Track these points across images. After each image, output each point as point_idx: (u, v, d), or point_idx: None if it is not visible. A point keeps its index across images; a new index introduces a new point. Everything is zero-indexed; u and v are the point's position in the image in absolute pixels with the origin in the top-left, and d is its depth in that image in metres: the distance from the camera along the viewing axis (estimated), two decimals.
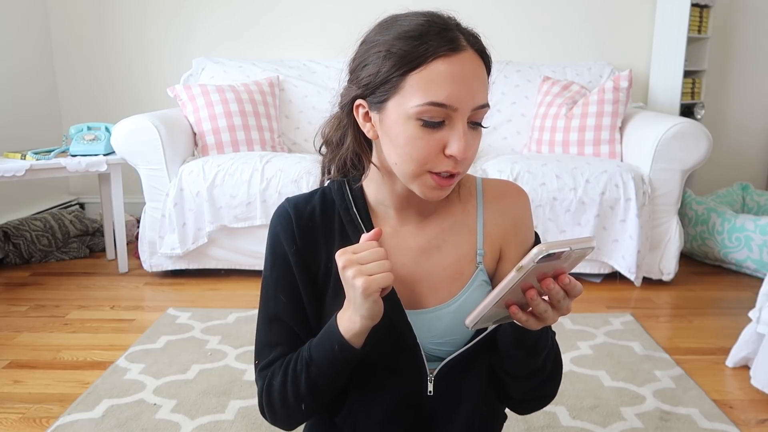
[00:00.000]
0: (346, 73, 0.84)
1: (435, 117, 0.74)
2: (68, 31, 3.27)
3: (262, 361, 0.87)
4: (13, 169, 2.35)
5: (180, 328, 2.04)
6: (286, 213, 0.86)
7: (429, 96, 0.73)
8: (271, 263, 0.86)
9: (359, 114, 0.81)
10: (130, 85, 3.31)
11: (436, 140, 0.75)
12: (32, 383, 1.69)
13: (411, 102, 0.74)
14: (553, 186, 2.37)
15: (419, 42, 0.74)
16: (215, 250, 2.49)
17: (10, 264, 2.73)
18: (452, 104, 0.74)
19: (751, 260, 2.58)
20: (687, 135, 2.36)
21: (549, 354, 0.85)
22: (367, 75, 0.78)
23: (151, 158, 2.43)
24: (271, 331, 0.87)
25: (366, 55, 0.79)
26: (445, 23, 0.76)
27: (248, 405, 1.56)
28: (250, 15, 3.23)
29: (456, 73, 0.74)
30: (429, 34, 0.74)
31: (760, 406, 1.60)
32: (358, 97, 0.80)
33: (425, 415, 0.86)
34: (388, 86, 0.76)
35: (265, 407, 0.87)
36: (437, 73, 0.73)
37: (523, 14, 3.23)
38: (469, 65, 0.75)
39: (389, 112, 0.77)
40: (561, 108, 2.73)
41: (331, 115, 0.89)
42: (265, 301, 0.88)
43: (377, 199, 0.87)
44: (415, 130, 0.75)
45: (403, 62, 0.74)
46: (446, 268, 0.86)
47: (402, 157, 0.77)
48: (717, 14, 3.19)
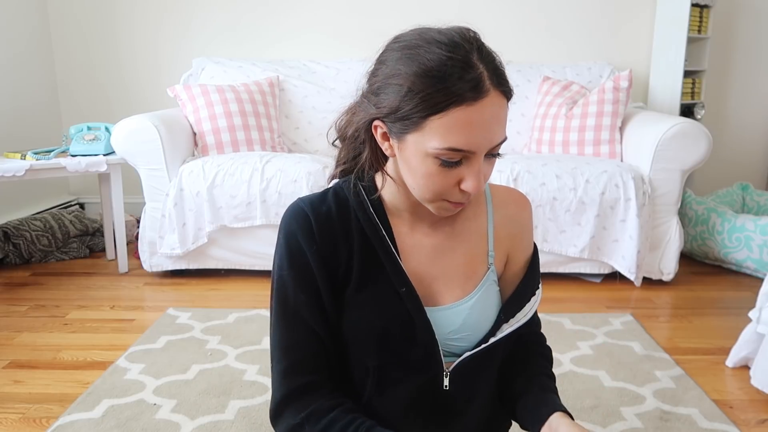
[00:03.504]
0: (365, 82, 0.82)
1: (453, 158, 0.75)
2: (68, 31, 3.27)
3: (285, 362, 0.86)
4: (13, 169, 2.34)
5: (180, 328, 2.04)
6: (303, 213, 0.86)
7: (448, 142, 0.74)
8: (289, 263, 0.85)
9: (377, 133, 0.81)
10: (130, 85, 3.32)
11: (453, 176, 0.77)
12: (32, 383, 1.69)
13: (430, 143, 0.74)
14: (553, 186, 2.37)
15: (443, 85, 0.72)
16: (215, 250, 2.49)
17: (10, 264, 2.73)
18: (470, 149, 0.75)
19: (751, 260, 2.58)
20: (687, 135, 2.36)
21: None
22: (387, 105, 0.77)
23: (151, 158, 2.43)
24: (292, 330, 0.86)
25: (386, 82, 0.77)
26: (467, 59, 0.73)
27: (248, 405, 1.56)
28: (250, 15, 3.23)
29: (476, 120, 0.73)
30: (452, 77, 0.72)
31: (760, 406, 1.60)
32: (377, 119, 0.80)
33: (441, 407, 0.89)
34: (407, 123, 0.75)
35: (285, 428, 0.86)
36: (458, 120, 0.73)
37: (523, 14, 3.23)
38: (490, 110, 0.74)
39: (408, 144, 0.77)
40: (561, 108, 2.73)
41: (345, 108, 0.89)
42: (283, 301, 0.86)
43: (392, 202, 0.88)
44: (433, 167, 0.77)
45: (424, 105, 0.73)
46: (460, 267, 0.89)
47: (419, 187, 0.80)
48: (717, 14, 3.19)
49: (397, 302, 0.84)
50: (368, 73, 0.82)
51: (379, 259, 0.85)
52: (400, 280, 0.85)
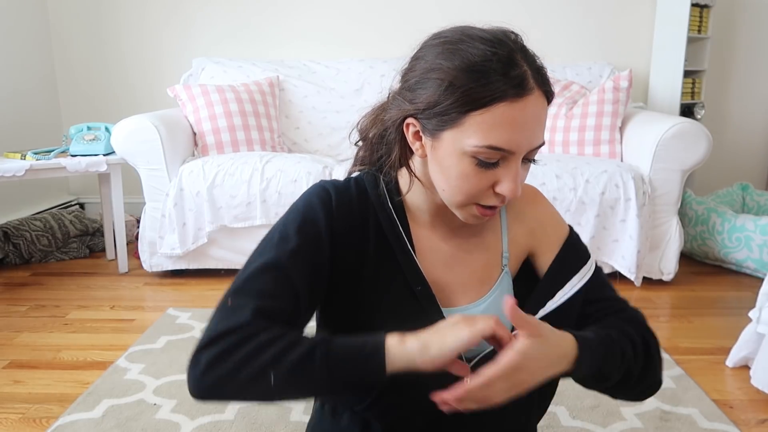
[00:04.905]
0: (398, 81, 0.81)
1: (491, 158, 0.73)
2: (68, 31, 3.27)
3: (241, 301, 0.73)
4: (13, 169, 2.34)
5: (180, 328, 2.04)
6: (327, 191, 0.83)
7: (489, 139, 0.72)
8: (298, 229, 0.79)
9: (409, 132, 0.79)
10: (130, 85, 3.32)
11: (489, 178, 0.75)
12: (32, 383, 1.69)
13: (469, 140, 0.72)
14: (553, 186, 2.37)
15: (485, 80, 0.70)
16: (215, 250, 2.49)
17: (10, 264, 2.73)
18: (510, 149, 0.73)
19: (751, 260, 2.58)
20: (687, 135, 2.36)
21: (605, 371, 0.78)
22: (424, 100, 0.75)
23: (151, 158, 2.43)
24: (268, 278, 0.75)
25: (425, 77, 0.75)
26: (512, 56, 0.72)
27: (248, 405, 1.56)
28: (250, 15, 3.23)
29: (519, 119, 0.71)
30: (495, 72, 0.70)
31: (760, 406, 1.60)
32: (410, 116, 0.78)
33: None
34: (446, 118, 0.73)
35: (219, 353, 0.69)
36: (500, 118, 0.71)
37: (523, 14, 3.23)
38: (533, 109, 0.72)
39: (444, 142, 0.75)
40: (561, 108, 2.73)
41: (371, 108, 0.87)
42: (271, 246, 0.78)
43: (414, 203, 0.87)
44: (469, 167, 0.74)
45: (466, 100, 0.71)
46: (475, 271, 0.88)
47: (451, 188, 0.77)
48: (717, 14, 3.19)
49: (412, 302, 0.83)
50: (402, 71, 0.80)
51: (395, 257, 0.83)
52: (416, 278, 0.83)
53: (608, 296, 0.91)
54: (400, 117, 0.79)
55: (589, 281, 0.89)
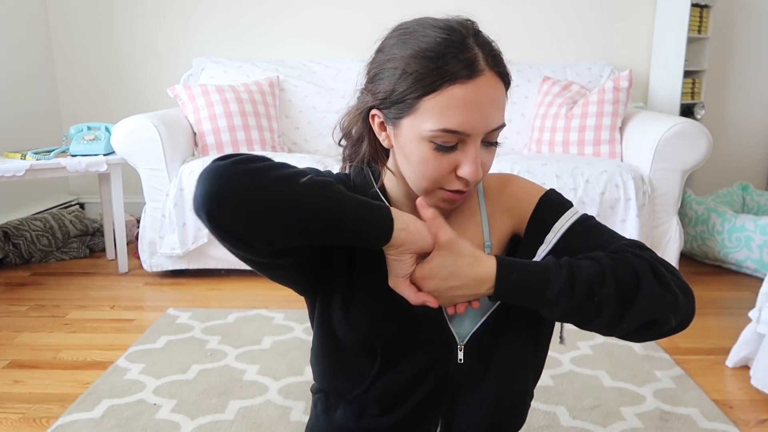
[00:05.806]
0: (364, 75, 0.83)
1: (448, 142, 0.74)
2: (68, 31, 3.27)
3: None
4: (13, 169, 2.35)
5: (180, 328, 2.04)
6: (328, 172, 0.86)
7: (443, 122, 0.73)
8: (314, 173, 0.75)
9: (375, 123, 0.81)
10: (130, 85, 3.32)
11: (449, 162, 0.76)
12: (32, 383, 1.69)
13: (425, 125, 0.74)
14: (553, 186, 2.36)
15: (436, 64, 0.72)
16: (215, 250, 2.49)
17: (10, 264, 2.73)
18: (465, 131, 0.73)
19: (751, 260, 2.58)
20: (687, 135, 2.36)
21: (582, 295, 0.72)
22: (383, 90, 0.77)
23: (151, 158, 2.43)
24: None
25: (382, 68, 0.77)
26: (463, 40, 0.73)
27: (248, 405, 1.56)
28: (250, 15, 3.23)
29: (471, 99, 0.72)
30: (446, 56, 0.72)
31: (760, 406, 1.60)
32: (373, 108, 0.80)
33: (452, 383, 0.86)
34: (402, 106, 0.75)
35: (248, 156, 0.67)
36: (452, 100, 0.72)
37: (523, 14, 3.23)
38: (486, 90, 0.73)
39: (404, 129, 0.77)
40: (561, 108, 2.73)
41: (349, 107, 0.89)
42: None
43: (393, 192, 0.88)
44: (428, 152, 0.75)
45: (418, 85, 0.73)
46: None
47: (415, 175, 0.79)
48: (717, 14, 3.19)
49: None
50: (366, 64, 0.82)
51: None
52: None
53: (608, 240, 0.81)
54: (364, 110, 0.81)
55: (585, 232, 0.83)
